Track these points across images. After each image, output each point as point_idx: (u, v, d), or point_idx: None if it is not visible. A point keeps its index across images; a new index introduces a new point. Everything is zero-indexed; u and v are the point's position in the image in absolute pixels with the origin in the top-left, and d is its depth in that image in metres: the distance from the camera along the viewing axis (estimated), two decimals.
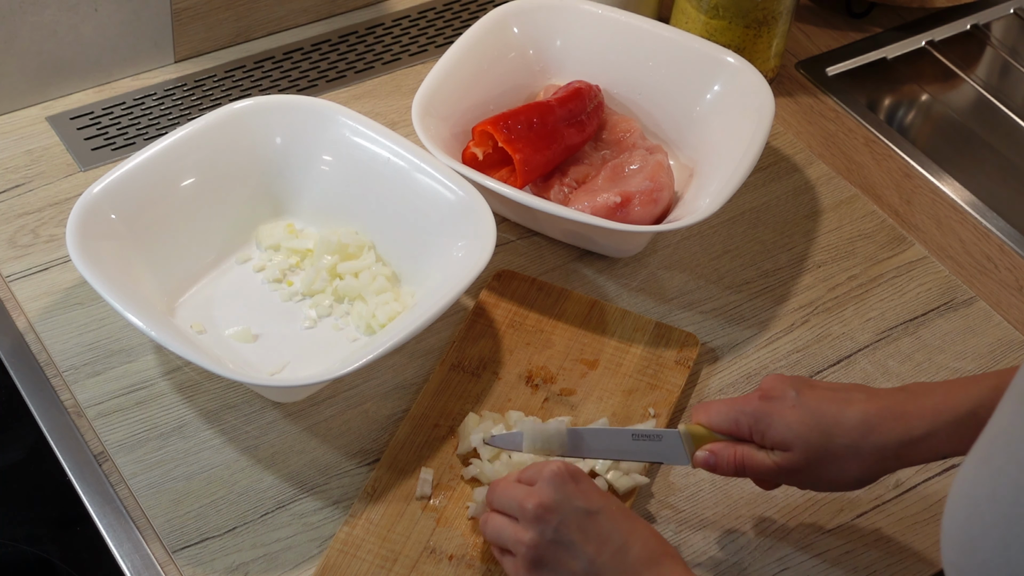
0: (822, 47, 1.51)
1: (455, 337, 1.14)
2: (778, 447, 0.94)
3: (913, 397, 0.93)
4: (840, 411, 0.93)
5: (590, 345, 1.15)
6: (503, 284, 1.19)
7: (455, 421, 1.08)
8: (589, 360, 1.14)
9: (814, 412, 0.93)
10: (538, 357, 1.14)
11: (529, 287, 1.19)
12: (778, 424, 0.94)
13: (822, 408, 0.93)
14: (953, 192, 1.35)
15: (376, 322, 1.13)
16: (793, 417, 0.93)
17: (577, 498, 0.91)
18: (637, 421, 1.10)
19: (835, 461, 0.93)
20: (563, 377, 1.13)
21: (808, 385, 0.95)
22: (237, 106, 1.19)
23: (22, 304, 1.15)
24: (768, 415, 0.94)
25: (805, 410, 0.93)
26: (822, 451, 0.93)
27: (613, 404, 1.11)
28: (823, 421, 0.93)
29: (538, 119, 1.23)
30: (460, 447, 1.06)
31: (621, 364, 1.14)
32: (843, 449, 0.92)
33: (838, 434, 0.92)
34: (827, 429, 0.92)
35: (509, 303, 1.18)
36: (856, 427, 0.92)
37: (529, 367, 1.13)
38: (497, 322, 1.16)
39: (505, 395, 1.11)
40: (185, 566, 1.00)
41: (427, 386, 1.11)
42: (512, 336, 1.15)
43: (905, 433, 0.92)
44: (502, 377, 1.12)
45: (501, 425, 1.06)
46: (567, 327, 1.16)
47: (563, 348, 1.15)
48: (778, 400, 0.94)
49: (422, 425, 1.08)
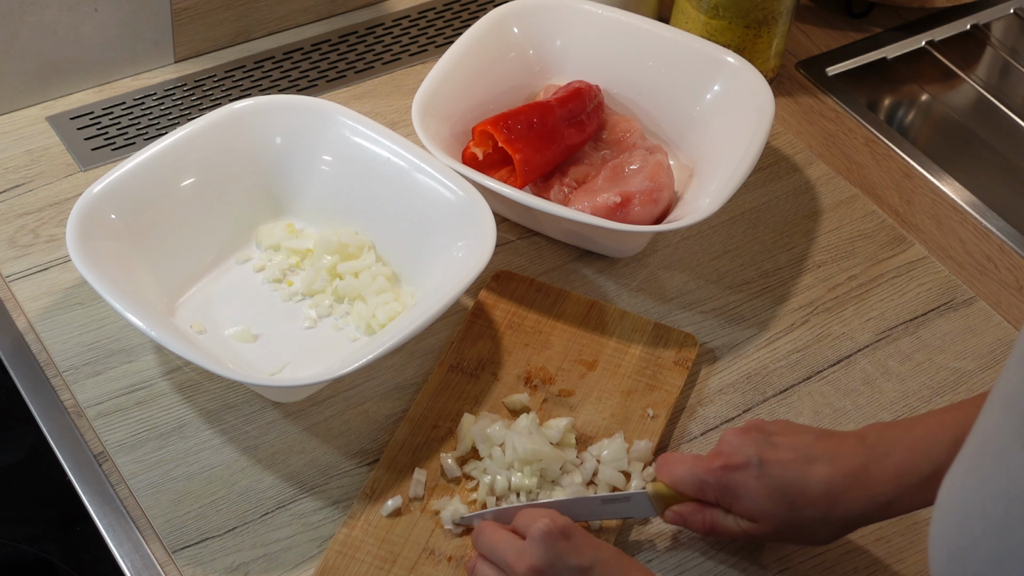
0: (822, 47, 1.51)
1: (454, 338, 1.14)
2: (745, 518, 0.95)
3: (876, 459, 0.92)
4: (804, 481, 0.92)
5: (589, 346, 1.15)
6: (502, 285, 1.19)
7: (454, 422, 1.08)
8: (588, 361, 1.14)
9: (778, 485, 0.93)
10: (537, 358, 1.14)
11: (528, 288, 1.19)
12: (743, 498, 0.94)
13: (786, 479, 0.93)
14: (953, 192, 1.35)
15: (376, 322, 1.13)
16: (758, 491, 0.93)
17: (569, 556, 0.89)
18: (636, 422, 1.10)
19: (803, 529, 0.94)
20: (562, 378, 1.13)
21: (769, 445, 0.94)
22: (237, 106, 1.19)
23: (22, 304, 1.15)
24: (733, 489, 0.94)
25: (769, 482, 0.93)
26: (790, 521, 0.93)
27: (612, 405, 1.11)
28: (788, 493, 0.93)
29: (538, 119, 1.23)
30: (458, 448, 1.06)
31: (620, 365, 1.14)
32: (810, 519, 0.93)
33: (804, 506, 0.93)
34: (793, 501, 0.93)
35: (508, 304, 1.17)
36: (821, 497, 0.92)
37: (528, 368, 1.13)
38: (496, 323, 1.16)
39: (503, 396, 1.11)
40: (185, 566, 1.00)
41: (426, 387, 1.11)
42: (511, 337, 1.15)
43: (871, 500, 0.92)
44: (501, 378, 1.12)
45: (499, 424, 1.06)
46: (566, 328, 1.16)
47: (562, 349, 1.15)
48: (741, 471, 0.94)
49: (421, 426, 1.08)
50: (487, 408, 1.10)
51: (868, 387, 1.17)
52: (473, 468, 1.05)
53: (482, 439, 1.06)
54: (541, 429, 1.07)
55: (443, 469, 1.05)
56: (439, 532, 1.02)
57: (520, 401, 1.10)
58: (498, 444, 1.05)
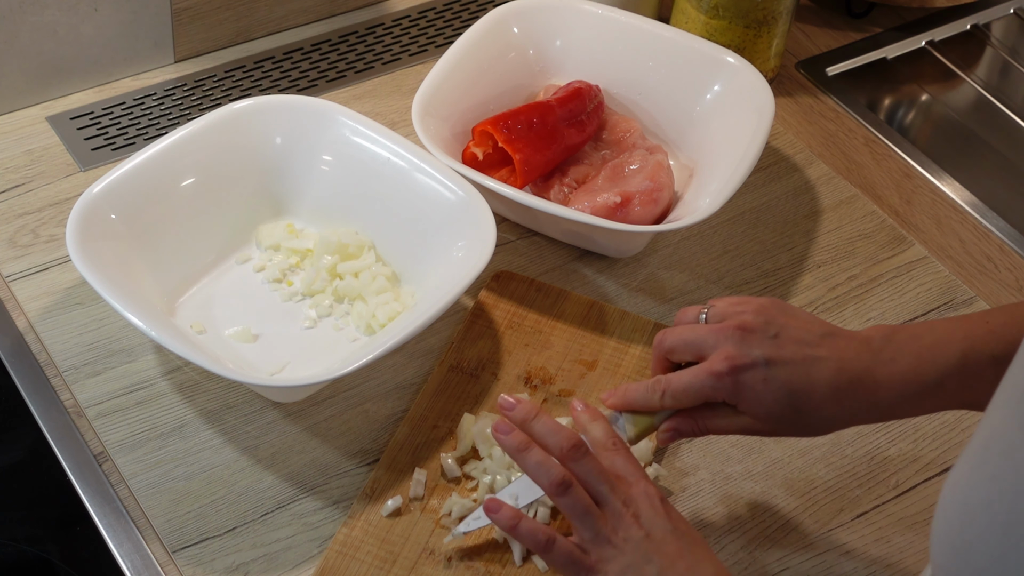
0: (822, 47, 1.51)
1: (454, 338, 1.14)
2: (747, 415, 0.94)
3: (882, 364, 0.92)
4: (809, 385, 0.92)
5: (589, 346, 1.15)
6: (502, 285, 1.19)
7: (454, 422, 1.08)
8: (588, 361, 1.14)
9: (784, 388, 0.92)
10: (537, 358, 1.14)
11: (528, 288, 1.19)
12: (750, 398, 0.92)
13: (792, 383, 0.92)
14: (953, 192, 1.35)
15: (376, 322, 1.13)
16: (764, 394, 0.92)
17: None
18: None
19: (803, 427, 0.94)
20: (562, 378, 1.13)
21: (774, 343, 0.93)
22: (237, 106, 1.19)
23: (22, 304, 1.15)
24: (740, 390, 0.92)
25: (774, 385, 0.92)
26: (792, 421, 0.93)
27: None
28: (793, 398, 0.92)
29: (538, 119, 1.23)
30: (458, 448, 1.06)
31: (620, 365, 1.14)
32: (812, 419, 0.93)
33: (808, 409, 0.92)
34: (798, 406, 0.92)
35: (508, 304, 1.18)
36: (826, 401, 0.92)
37: (528, 368, 1.13)
38: (496, 323, 1.16)
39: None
40: (185, 566, 1.00)
41: (425, 387, 1.11)
42: (511, 337, 1.15)
43: (874, 404, 0.92)
44: (500, 378, 1.12)
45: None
46: (566, 327, 1.16)
47: (562, 349, 1.15)
48: (749, 371, 0.92)
49: (421, 426, 1.08)
50: (487, 408, 1.10)
51: None
52: (473, 468, 1.05)
53: (482, 439, 1.06)
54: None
55: (443, 469, 1.05)
56: (439, 532, 1.02)
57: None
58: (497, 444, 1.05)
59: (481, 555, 1.00)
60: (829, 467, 1.10)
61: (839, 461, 1.11)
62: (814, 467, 1.10)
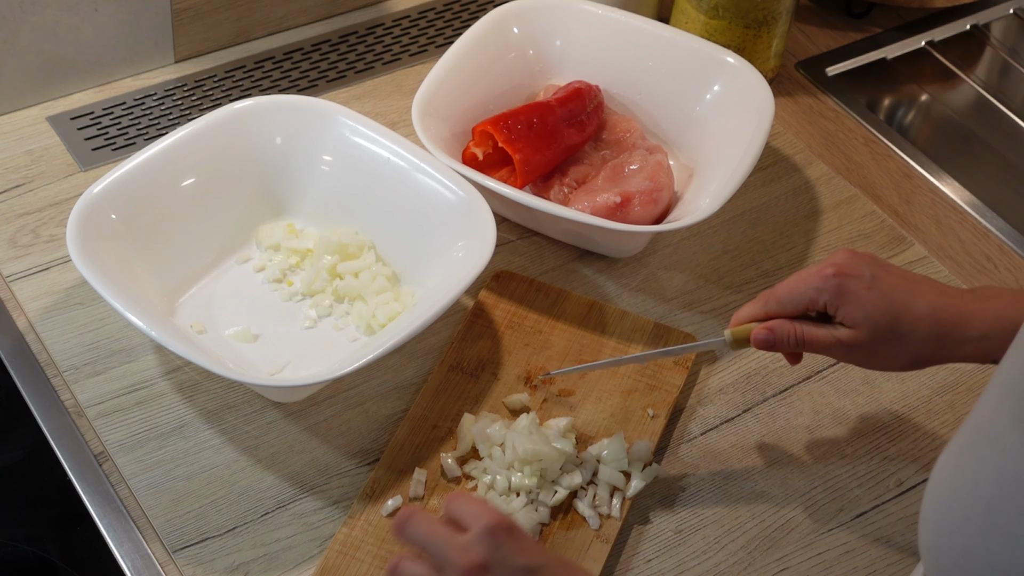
0: (822, 47, 1.51)
1: (454, 338, 1.14)
2: (846, 323, 0.96)
3: (980, 300, 0.95)
4: (911, 300, 0.95)
5: (589, 346, 1.15)
6: (502, 285, 1.19)
7: (454, 422, 1.08)
8: (588, 360, 1.14)
9: (887, 296, 0.95)
10: (537, 358, 1.14)
11: (528, 288, 1.19)
12: (853, 302, 0.95)
13: (894, 295, 0.95)
14: (953, 192, 1.35)
15: (376, 322, 1.13)
16: (868, 299, 0.95)
17: (517, 555, 0.81)
18: (636, 421, 1.10)
19: (895, 345, 0.95)
20: (561, 377, 1.13)
21: (881, 267, 0.97)
22: (237, 106, 1.19)
23: (22, 304, 1.15)
24: (846, 292, 0.96)
25: (879, 294, 0.95)
26: (887, 333, 0.95)
27: (612, 405, 1.11)
28: (894, 307, 0.95)
29: (538, 119, 1.23)
30: (458, 448, 1.06)
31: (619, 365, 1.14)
32: (906, 335, 0.95)
33: (905, 321, 0.94)
34: (897, 315, 0.95)
35: (508, 304, 1.17)
36: (923, 318, 0.94)
37: (528, 368, 1.13)
38: (496, 323, 1.16)
39: (504, 395, 1.11)
40: (185, 566, 1.00)
41: (425, 387, 1.11)
42: (511, 337, 1.15)
43: (964, 331, 0.94)
44: (501, 378, 1.12)
45: (499, 424, 1.06)
46: (566, 328, 1.16)
47: (562, 349, 1.15)
48: (855, 279, 0.96)
49: (421, 426, 1.08)
50: (487, 408, 1.10)
51: (868, 387, 1.17)
52: (473, 468, 1.05)
53: (482, 439, 1.06)
54: (541, 429, 1.06)
55: (443, 469, 1.05)
56: None
57: (520, 401, 1.10)
58: (498, 444, 1.05)
59: None
60: (829, 467, 1.10)
61: (839, 461, 1.11)
62: (814, 467, 1.10)
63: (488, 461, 1.05)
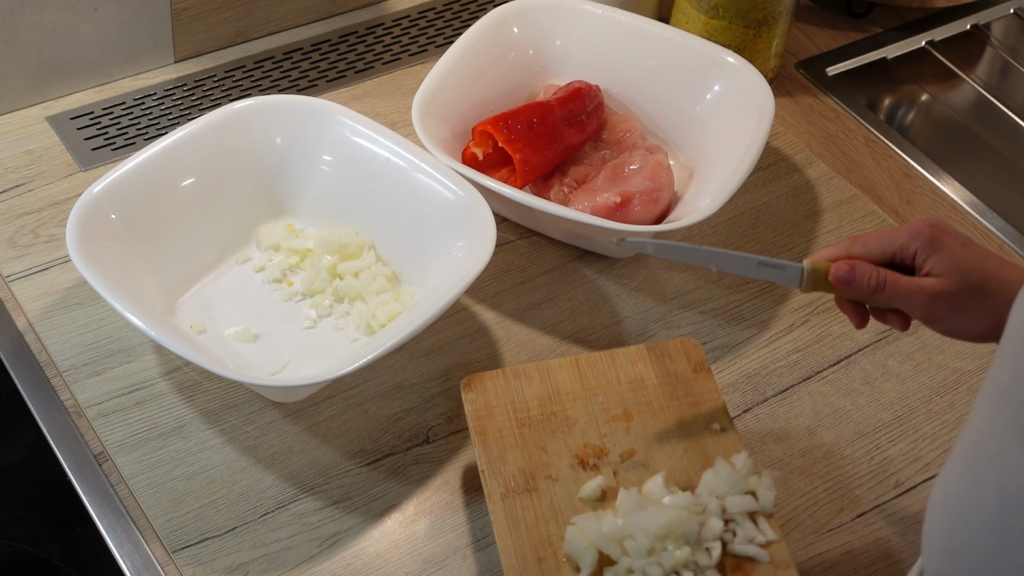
0: (822, 47, 1.51)
1: (481, 467, 1.01)
2: (934, 273, 0.92)
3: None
4: (1002, 265, 0.93)
5: (608, 400, 1.05)
6: (476, 392, 1.05)
7: (555, 546, 0.96)
8: (619, 414, 1.05)
9: (979, 255, 0.92)
10: (574, 440, 1.03)
11: (504, 380, 1.06)
12: (946, 252, 0.92)
13: (987, 256, 0.93)
14: (953, 192, 1.35)
15: (376, 322, 1.13)
16: (961, 252, 0.92)
17: None
18: (712, 443, 1.03)
19: (983, 300, 0.92)
20: (611, 444, 1.03)
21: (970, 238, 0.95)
22: (237, 106, 1.19)
23: (22, 304, 1.15)
24: (940, 242, 0.92)
25: (972, 252, 0.92)
26: (976, 287, 0.92)
27: (677, 441, 1.03)
28: (985, 265, 0.92)
29: (538, 119, 1.23)
30: (583, 568, 0.95)
31: (651, 401, 1.06)
32: (995, 294, 0.91)
33: (995, 280, 0.92)
34: (987, 273, 0.92)
35: (499, 405, 1.05)
36: (1013, 281, 0.91)
37: (572, 452, 1.02)
38: (505, 429, 1.03)
39: (575, 491, 1.00)
40: (185, 566, 1.00)
41: (495, 526, 0.98)
42: (531, 434, 1.03)
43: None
44: (556, 477, 1.00)
45: (607, 517, 0.96)
46: (572, 394, 1.06)
47: (588, 417, 1.04)
48: (949, 235, 0.93)
49: (527, 569, 0.95)
50: (571, 514, 0.98)
51: (868, 387, 1.17)
52: (613, 575, 0.95)
53: (605, 542, 0.95)
54: (644, 497, 0.97)
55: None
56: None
57: (597, 486, 0.99)
58: (621, 538, 0.95)
59: None
60: (829, 467, 1.10)
61: (839, 461, 1.11)
62: (814, 467, 1.10)
63: (626, 559, 0.94)
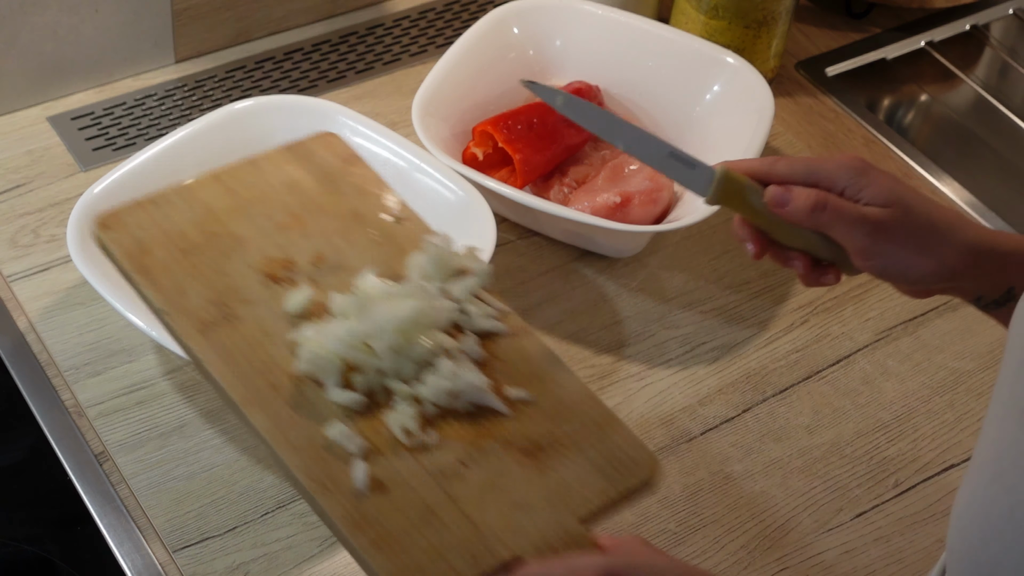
0: (822, 47, 1.51)
1: (157, 309, 0.86)
2: (874, 204, 0.84)
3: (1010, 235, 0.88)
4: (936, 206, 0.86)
5: (270, 209, 0.93)
6: (118, 230, 0.91)
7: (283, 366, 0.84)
8: (287, 221, 0.92)
9: (912, 190, 0.85)
10: (252, 257, 0.89)
11: (144, 211, 0.92)
12: (882, 185, 0.84)
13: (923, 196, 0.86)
14: (953, 192, 1.35)
15: None
16: (897, 184, 0.84)
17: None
18: (396, 232, 0.94)
19: (932, 236, 0.84)
20: (294, 252, 0.90)
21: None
22: (237, 106, 1.19)
23: (23, 304, 1.15)
24: (872, 174, 0.84)
25: (905, 185, 0.85)
26: (923, 220, 0.84)
27: (361, 235, 0.93)
28: (925, 203, 0.85)
29: (538, 119, 1.23)
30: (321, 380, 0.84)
31: (314, 200, 0.94)
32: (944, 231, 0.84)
33: (936, 214, 0.84)
34: (928, 207, 0.84)
35: (153, 239, 0.90)
36: (952, 216, 0.85)
37: (259, 269, 0.89)
38: (170, 261, 0.88)
39: (278, 309, 0.87)
40: (186, 565, 1.00)
41: (212, 368, 0.84)
42: (202, 260, 0.89)
43: (994, 242, 0.85)
44: (253, 300, 0.87)
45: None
46: (230, 212, 0.92)
47: (256, 231, 0.91)
48: (878, 170, 0.85)
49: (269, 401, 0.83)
50: (285, 332, 0.85)
51: (867, 387, 1.17)
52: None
53: (346, 347, 0.83)
54: (365, 296, 0.86)
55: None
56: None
57: (303, 297, 0.87)
58: (363, 340, 0.84)
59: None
60: (829, 467, 1.11)
61: (839, 461, 1.11)
62: (814, 467, 1.10)
63: (373, 361, 0.83)
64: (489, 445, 0.84)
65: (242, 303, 0.88)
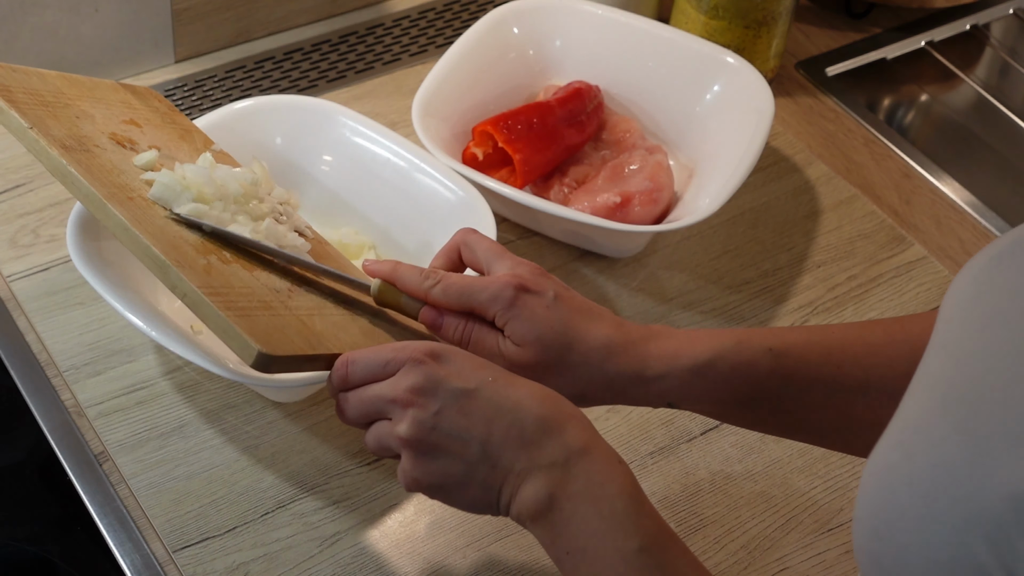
0: (822, 47, 1.51)
1: (27, 125, 0.97)
2: (513, 340, 0.89)
3: (656, 338, 0.90)
4: (587, 329, 0.89)
5: (110, 109, 1.06)
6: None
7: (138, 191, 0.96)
8: (128, 120, 1.07)
9: (565, 321, 0.89)
10: (100, 126, 1.02)
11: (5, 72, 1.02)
12: (527, 320, 0.88)
13: (573, 321, 0.89)
14: (953, 192, 1.35)
15: None
16: (544, 319, 0.89)
17: (449, 379, 0.82)
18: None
19: (564, 374, 0.89)
20: (136, 138, 1.04)
21: (565, 290, 0.91)
22: (237, 106, 1.19)
23: (22, 304, 1.15)
24: (522, 307, 0.89)
25: (557, 317, 0.89)
26: (557, 361, 0.89)
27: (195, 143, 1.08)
28: (569, 334, 0.89)
29: (538, 119, 1.23)
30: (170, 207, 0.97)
31: (148, 118, 1.08)
32: (577, 366, 0.89)
33: (578, 351, 0.89)
34: (570, 343, 0.89)
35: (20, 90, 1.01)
36: (597, 350, 0.89)
37: (108, 134, 1.02)
38: (27, 109, 0.99)
39: (128, 161, 1.00)
40: (185, 566, 1.00)
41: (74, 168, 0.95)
42: (62, 113, 1.01)
43: (640, 370, 0.89)
44: (106, 148, 1.00)
45: (151, 152, 1.01)
46: (77, 97, 1.05)
47: (103, 116, 1.04)
48: (536, 296, 0.89)
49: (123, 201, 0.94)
50: (138, 174, 0.99)
51: None
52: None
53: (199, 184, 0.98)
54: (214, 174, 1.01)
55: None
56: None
57: (152, 156, 1.01)
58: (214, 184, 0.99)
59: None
60: (829, 466, 1.11)
61: (839, 460, 1.11)
62: (814, 466, 1.10)
63: (219, 204, 0.99)
64: (314, 285, 0.97)
65: (97, 148, 0.99)
